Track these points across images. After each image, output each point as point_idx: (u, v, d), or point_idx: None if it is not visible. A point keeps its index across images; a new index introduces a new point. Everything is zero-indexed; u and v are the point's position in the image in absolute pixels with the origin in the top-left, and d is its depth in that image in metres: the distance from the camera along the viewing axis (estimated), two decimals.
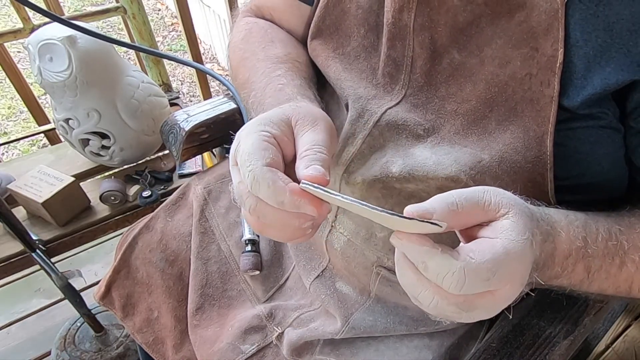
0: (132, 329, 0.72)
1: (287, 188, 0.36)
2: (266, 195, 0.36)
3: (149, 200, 1.09)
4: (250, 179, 0.36)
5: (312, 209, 0.36)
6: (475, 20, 0.45)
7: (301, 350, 0.59)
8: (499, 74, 0.44)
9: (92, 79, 0.97)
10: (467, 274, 0.30)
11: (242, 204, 0.39)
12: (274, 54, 0.59)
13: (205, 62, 2.90)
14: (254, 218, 0.39)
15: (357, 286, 0.58)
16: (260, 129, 0.40)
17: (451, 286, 0.30)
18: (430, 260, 0.31)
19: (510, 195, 0.35)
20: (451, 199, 0.33)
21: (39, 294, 1.43)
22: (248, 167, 0.37)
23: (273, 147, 0.39)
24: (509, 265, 0.31)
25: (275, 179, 0.36)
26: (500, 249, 0.31)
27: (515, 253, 0.31)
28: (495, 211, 0.33)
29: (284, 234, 0.40)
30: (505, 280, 0.31)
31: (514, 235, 0.32)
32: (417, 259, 0.32)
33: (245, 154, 0.38)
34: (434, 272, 0.31)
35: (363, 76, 0.53)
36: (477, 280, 0.30)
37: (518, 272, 0.32)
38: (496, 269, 0.30)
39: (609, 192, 0.47)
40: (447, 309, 0.32)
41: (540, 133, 0.42)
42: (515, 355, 0.53)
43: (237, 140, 0.40)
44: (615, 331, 1.18)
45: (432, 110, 0.48)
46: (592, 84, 0.40)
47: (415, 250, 0.32)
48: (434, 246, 0.31)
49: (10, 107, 2.75)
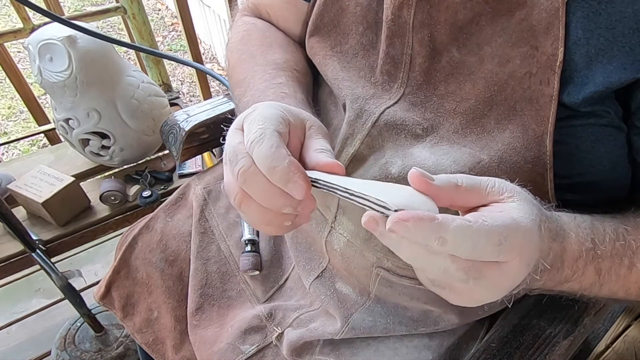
0: (132, 329, 0.72)
1: (287, 157, 0.35)
2: (264, 155, 0.35)
3: (149, 200, 1.09)
4: (256, 134, 0.35)
5: (301, 185, 0.34)
6: (475, 18, 0.45)
7: (301, 350, 0.59)
8: (498, 73, 0.44)
9: (92, 79, 0.97)
10: (481, 235, 0.29)
11: (233, 164, 0.37)
12: (273, 59, 0.58)
13: (205, 62, 2.90)
14: (238, 182, 0.36)
15: (357, 287, 0.57)
16: (280, 109, 0.39)
17: (466, 252, 0.29)
18: (447, 233, 0.28)
19: (516, 186, 0.34)
20: (453, 177, 0.32)
21: (39, 294, 1.44)
22: (260, 126, 0.36)
23: (286, 128, 0.38)
24: (518, 236, 0.30)
25: (280, 143, 0.35)
26: (510, 219, 0.30)
27: (524, 226, 0.31)
28: (500, 194, 0.33)
29: (262, 215, 0.37)
30: (515, 251, 0.30)
31: (522, 213, 0.31)
32: (431, 237, 0.29)
33: (260, 116, 0.37)
34: (454, 241, 0.29)
35: (361, 74, 0.53)
36: (490, 243, 0.29)
37: (526, 247, 0.31)
38: (507, 234, 0.29)
39: (611, 192, 0.46)
40: (455, 274, 0.30)
41: (539, 133, 0.42)
42: (515, 355, 0.53)
43: (252, 109, 0.39)
44: (615, 331, 1.18)
45: (430, 108, 0.48)
46: (594, 81, 0.40)
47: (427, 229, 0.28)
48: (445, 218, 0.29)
49: (10, 107, 2.75)
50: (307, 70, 0.61)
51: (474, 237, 0.29)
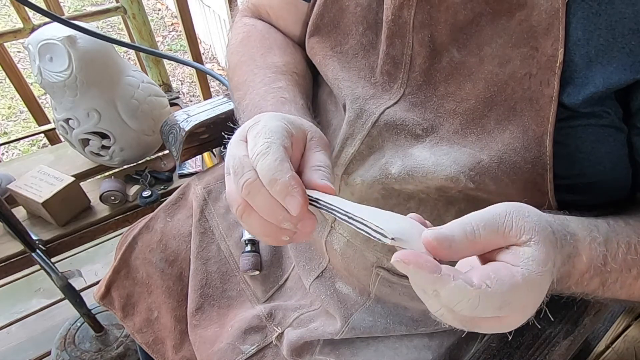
0: (132, 329, 0.72)
1: (290, 171, 0.35)
2: (267, 167, 0.35)
3: (149, 200, 1.09)
4: (263, 147, 0.36)
5: (299, 201, 0.35)
6: (476, 19, 0.45)
7: (301, 350, 0.59)
8: (498, 73, 0.44)
9: (92, 79, 0.97)
10: (481, 301, 0.29)
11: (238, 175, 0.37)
12: (272, 62, 0.59)
13: (205, 62, 2.89)
14: (242, 193, 0.37)
15: (357, 287, 0.57)
16: (285, 121, 0.40)
17: (463, 311, 0.29)
18: (442, 289, 0.29)
19: (534, 218, 0.32)
20: (469, 227, 0.31)
21: (39, 294, 1.44)
22: (267, 139, 0.36)
23: (290, 142, 0.39)
24: (525, 297, 0.30)
25: (285, 158, 0.36)
26: (520, 280, 0.30)
27: (533, 284, 0.30)
28: (517, 237, 0.31)
29: (263, 226, 0.38)
30: (517, 310, 0.31)
31: (535, 267, 0.30)
32: (427, 287, 0.29)
33: (267, 129, 0.37)
34: (447, 299, 0.29)
35: (361, 74, 0.53)
36: (489, 307, 0.29)
37: (531, 302, 0.31)
38: (511, 300, 0.29)
39: (611, 192, 0.46)
40: (452, 322, 0.31)
41: (539, 133, 0.42)
42: (515, 355, 0.53)
43: (256, 120, 0.40)
44: (615, 331, 1.18)
45: (430, 109, 0.48)
46: (594, 82, 0.40)
47: (424, 279, 0.29)
48: (445, 274, 0.29)
49: (10, 107, 2.75)
50: (306, 73, 0.62)
51: (473, 301, 0.29)
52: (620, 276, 0.39)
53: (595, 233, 0.38)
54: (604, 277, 0.38)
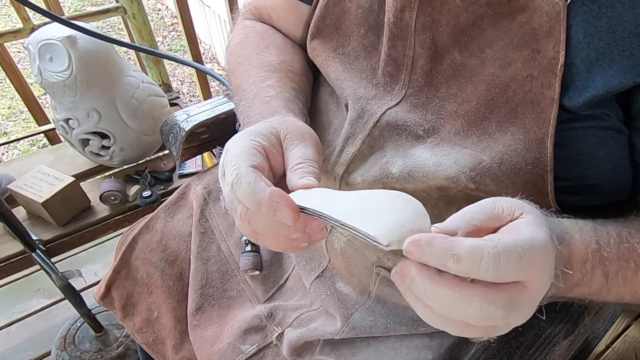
0: (132, 329, 0.72)
1: (267, 189, 0.36)
2: (245, 195, 0.36)
3: (149, 200, 1.09)
4: (233, 176, 0.37)
5: (288, 213, 0.35)
6: (477, 21, 0.45)
7: (301, 350, 0.59)
8: (499, 76, 0.44)
9: (92, 79, 0.97)
10: (501, 252, 0.29)
11: (234, 211, 0.39)
12: (268, 61, 0.59)
13: (205, 62, 2.90)
14: (245, 224, 0.39)
15: (357, 286, 0.58)
16: (250, 138, 0.41)
17: (489, 269, 0.29)
18: (461, 250, 0.28)
19: (520, 201, 0.34)
20: (469, 215, 0.32)
21: (39, 294, 1.43)
22: (233, 167, 0.37)
23: (261, 155, 0.40)
24: (537, 250, 0.30)
25: (257, 178, 0.36)
26: (527, 236, 0.31)
27: (540, 241, 0.31)
28: (511, 215, 0.33)
29: (277, 243, 0.39)
30: (537, 267, 0.31)
31: (536, 227, 0.32)
32: (445, 255, 0.29)
33: (232, 156, 0.38)
34: (469, 259, 0.28)
35: (363, 76, 0.53)
36: (511, 259, 0.29)
37: (546, 259, 0.32)
38: (526, 249, 0.30)
39: (611, 194, 0.47)
40: (495, 313, 0.30)
41: (540, 135, 0.42)
42: (515, 355, 0.53)
43: (226, 149, 0.41)
44: (615, 331, 1.18)
45: (432, 110, 0.48)
46: (595, 85, 0.40)
47: (440, 249, 0.29)
48: (457, 238, 0.29)
49: (10, 107, 2.75)
50: (303, 70, 0.62)
51: (493, 255, 0.29)
52: (620, 268, 0.39)
53: (582, 223, 0.39)
54: (605, 268, 0.38)
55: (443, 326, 0.32)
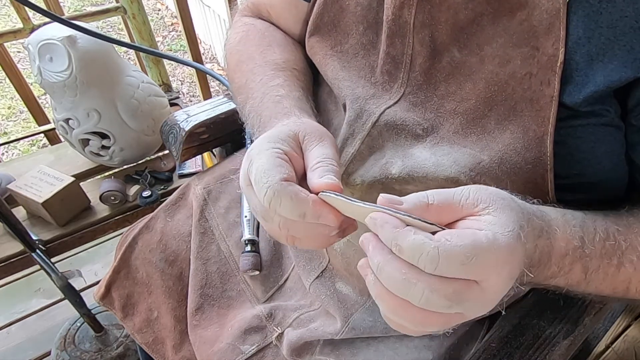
0: (132, 329, 0.72)
1: (309, 199, 0.37)
2: (288, 209, 0.37)
3: (149, 200, 1.09)
4: (269, 195, 0.37)
5: (333, 218, 0.38)
6: (477, 19, 0.45)
7: (301, 350, 0.59)
8: (499, 73, 0.44)
9: (92, 79, 0.97)
10: (441, 253, 0.29)
11: (268, 220, 0.40)
12: (272, 59, 0.59)
13: (205, 62, 2.89)
14: (284, 232, 0.40)
15: (357, 287, 0.57)
16: (271, 146, 0.41)
17: (426, 266, 0.30)
18: (403, 241, 0.30)
19: (494, 190, 0.34)
20: (423, 193, 0.33)
21: (39, 294, 1.44)
22: (265, 184, 0.38)
23: (287, 164, 0.40)
24: (492, 256, 0.30)
25: (296, 191, 0.38)
26: (483, 239, 0.30)
27: (499, 244, 0.31)
28: (474, 206, 0.33)
29: (315, 243, 0.41)
30: (489, 270, 0.30)
31: (497, 228, 0.31)
32: (390, 240, 0.31)
33: (260, 172, 0.39)
34: (409, 253, 0.30)
35: (361, 74, 0.53)
36: (452, 261, 0.29)
37: (504, 264, 0.31)
38: (474, 254, 0.30)
39: (610, 192, 0.46)
40: (438, 302, 0.31)
41: (540, 133, 0.42)
42: (515, 355, 0.53)
43: (249, 160, 0.41)
44: (615, 331, 1.18)
45: (431, 109, 0.48)
46: (595, 81, 0.40)
47: (388, 233, 0.31)
48: (407, 229, 0.31)
49: (10, 107, 2.75)
50: (306, 70, 0.62)
51: (431, 256, 0.29)
52: (601, 264, 0.39)
53: (569, 216, 0.39)
54: (585, 264, 0.38)
55: (392, 312, 0.33)
